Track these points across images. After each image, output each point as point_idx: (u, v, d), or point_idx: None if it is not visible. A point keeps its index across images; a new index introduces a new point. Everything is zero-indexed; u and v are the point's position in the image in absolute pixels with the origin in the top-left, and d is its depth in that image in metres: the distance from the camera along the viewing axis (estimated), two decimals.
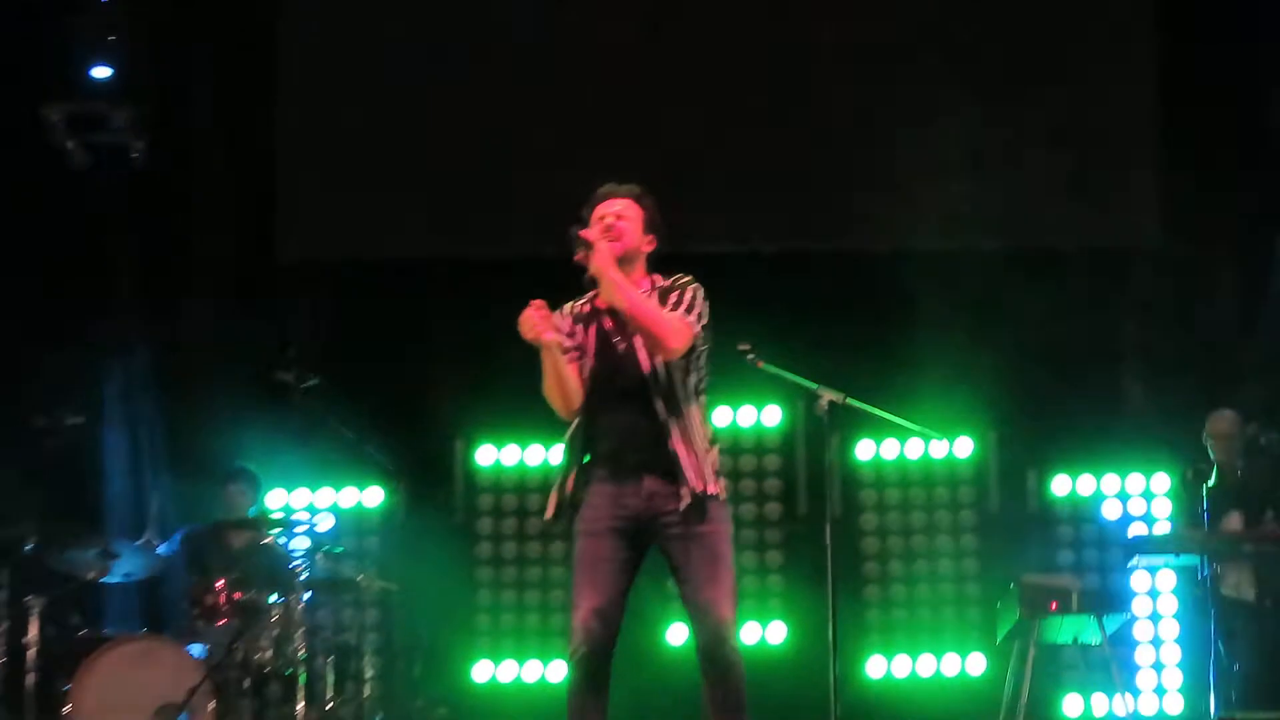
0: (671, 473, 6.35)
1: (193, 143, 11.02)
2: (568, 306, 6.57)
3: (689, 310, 6.35)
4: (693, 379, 6.45)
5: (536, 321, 6.26)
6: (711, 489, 6.36)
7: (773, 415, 10.58)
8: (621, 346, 6.43)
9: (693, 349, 6.36)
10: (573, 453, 6.54)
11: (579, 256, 6.33)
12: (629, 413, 6.42)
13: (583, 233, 6.34)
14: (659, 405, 6.40)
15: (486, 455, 10.68)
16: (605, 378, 6.47)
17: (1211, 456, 9.54)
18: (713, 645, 6.31)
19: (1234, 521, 9.26)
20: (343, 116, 11.19)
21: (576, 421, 6.52)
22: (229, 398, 10.46)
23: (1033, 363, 10.22)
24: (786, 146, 10.88)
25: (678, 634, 9.88)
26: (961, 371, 10.05)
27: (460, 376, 10.57)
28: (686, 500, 6.32)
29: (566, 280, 6.47)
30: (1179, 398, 10.17)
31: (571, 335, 6.52)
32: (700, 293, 6.46)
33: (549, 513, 6.52)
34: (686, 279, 6.49)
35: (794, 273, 10.55)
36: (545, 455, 10.53)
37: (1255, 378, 9.98)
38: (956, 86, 10.59)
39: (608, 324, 6.48)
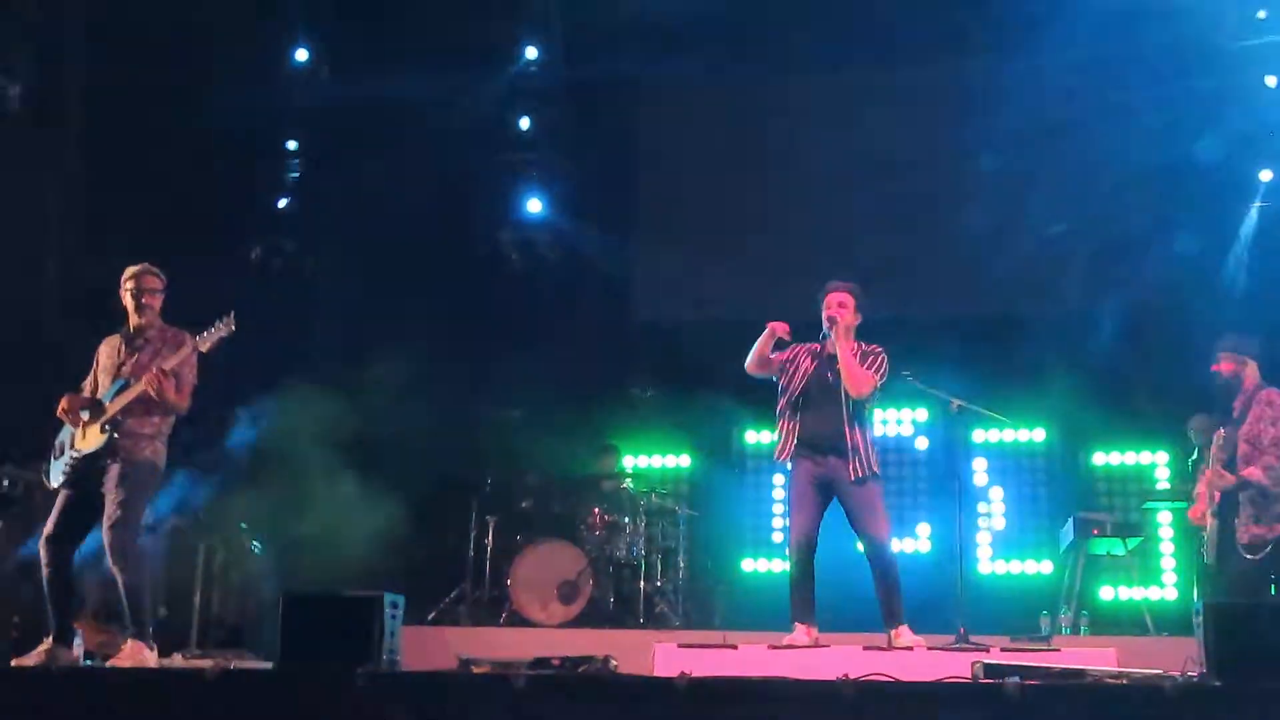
0: (845, 453, 6.57)
1: (579, 248, 10.95)
2: (805, 346, 6.82)
3: (876, 370, 6.63)
4: (852, 395, 6.63)
5: (778, 330, 6.65)
6: (870, 467, 6.59)
7: (921, 414, 10.41)
8: (829, 377, 6.66)
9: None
10: (786, 431, 6.74)
11: (828, 326, 6.67)
12: (827, 414, 6.64)
13: (829, 316, 6.65)
14: (845, 413, 6.61)
15: (751, 437, 10.67)
16: (812, 392, 6.68)
17: (1193, 441, 9.39)
18: (876, 552, 6.57)
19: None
20: (676, 228, 11.05)
21: (788, 414, 6.74)
22: (602, 402, 10.59)
23: (1081, 387, 9.81)
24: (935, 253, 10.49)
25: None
26: (1038, 390, 9.81)
27: (737, 395, 10.20)
28: (857, 473, 6.54)
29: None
30: (1172, 408, 9.64)
31: (789, 355, 6.81)
32: (884, 358, 6.74)
33: (779, 456, 6.77)
34: (879, 349, 6.77)
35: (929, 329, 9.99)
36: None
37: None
38: None
39: (826, 363, 6.73)
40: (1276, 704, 4.36)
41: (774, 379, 6.91)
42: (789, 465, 6.78)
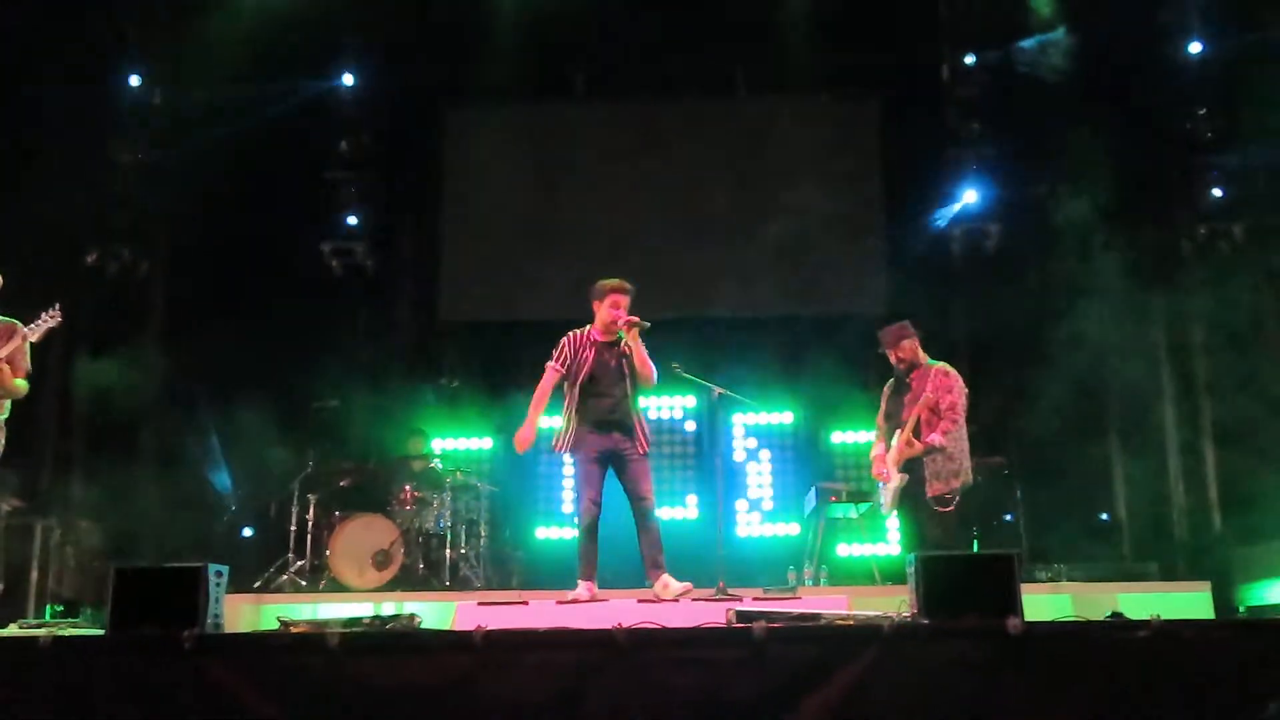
0: (631, 430, 6.61)
1: (393, 256, 10.90)
2: (581, 332, 6.69)
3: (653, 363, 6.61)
4: (640, 384, 6.66)
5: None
6: (648, 441, 6.62)
7: (689, 400, 10.56)
8: (612, 364, 6.64)
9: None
10: (572, 416, 6.67)
11: (620, 325, 6.56)
12: (614, 398, 6.62)
13: (626, 319, 6.52)
14: (629, 396, 6.64)
15: (544, 422, 10.34)
16: (598, 378, 6.62)
17: None
18: (646, 513, 6.58)
19: None
20: (478, 238, 10.94)
21: (575, 400, 6.60)
22: (412, 392, 10.45)
23: (820, 377, 10.06)
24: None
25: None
26: (787, 381, 10.13)
27: (531, 385, 10.22)
28: (641, 448, 6.58)
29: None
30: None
31: (577, 353, 6.61)
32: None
33: (557, 447, 6.71)
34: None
35: (699, 327, 10.13)
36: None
37: None
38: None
39: (607, 351, 6.68)
40: (972, 637, 4.56)
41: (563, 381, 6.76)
42: (569, 451, 6.68)
